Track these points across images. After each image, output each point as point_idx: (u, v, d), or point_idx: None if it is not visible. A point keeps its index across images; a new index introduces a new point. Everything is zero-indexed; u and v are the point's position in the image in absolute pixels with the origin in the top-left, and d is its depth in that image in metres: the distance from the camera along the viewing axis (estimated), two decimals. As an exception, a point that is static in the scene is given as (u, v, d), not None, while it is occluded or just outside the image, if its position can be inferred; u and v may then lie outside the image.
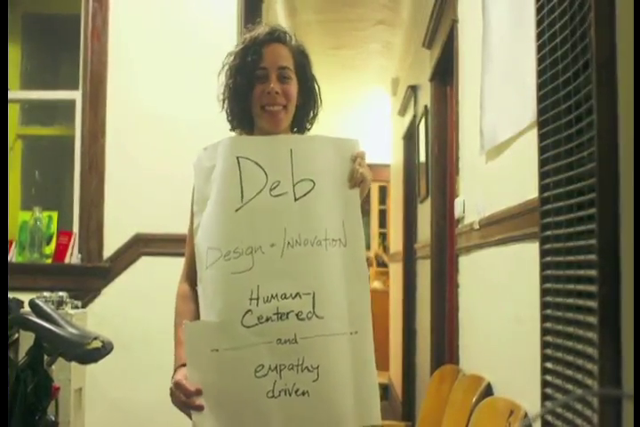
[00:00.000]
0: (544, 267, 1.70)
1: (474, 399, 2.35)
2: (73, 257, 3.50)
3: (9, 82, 3.22)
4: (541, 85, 1.72)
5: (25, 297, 2.61)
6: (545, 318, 1.70)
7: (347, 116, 7.68)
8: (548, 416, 1.60)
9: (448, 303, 3.58)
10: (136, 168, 3.48)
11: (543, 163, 1.71)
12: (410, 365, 5.29)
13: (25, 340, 2.53)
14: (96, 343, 2.24)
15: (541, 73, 1.72)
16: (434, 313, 3.74)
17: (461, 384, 2.69)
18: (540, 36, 1.73)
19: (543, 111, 1.70)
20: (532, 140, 1.84)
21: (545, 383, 1.67)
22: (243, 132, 1.81)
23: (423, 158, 4.35)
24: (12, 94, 3.33)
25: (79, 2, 3.58)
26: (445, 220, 3.68)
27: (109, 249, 3.47)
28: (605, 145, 1.35)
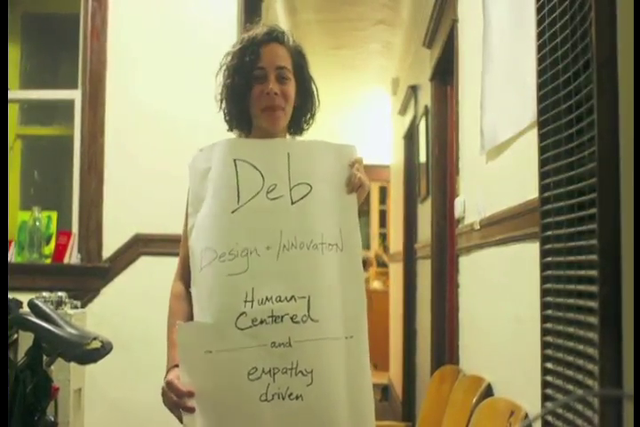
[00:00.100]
0: (544, 267, 1.70)
1: (474, 400, 2.35)
2: (72, 257, 3.49)
3: (8, 81, 3.22)
4: (541, 85, 1.71)
5: (24, 297, 2.60)
6: (545, 319, 1.70)
7: (347, 116, 7.68)
8: (548, 417, 1.60)
9: (448, 303, 3.57)
10: (135, 168, 3.48)
11: (543, 163, 1.70)
12: (410, 365, 5.29)
13: (24, 340, 2.52)
14: (95, 344, 2.24)
15: (541, 73, 1.72)
16: (434, 313, 3.73)
17: (461, 385, 2.68)
18: (541, 35, 1.73)
19: (543, 111, 1.70)
20: (532, 140, 1.84)
21: (545, 384, 1.67)
22: (241, 133, 1.81)
23: (423, 158, 4.35)
24: (11, 94, 3.32)
25: (78, 1, 3.58)
26: (445, 220, 3.67)
27: (109, 249, 3.46)
28: (606, 145, 1.34)
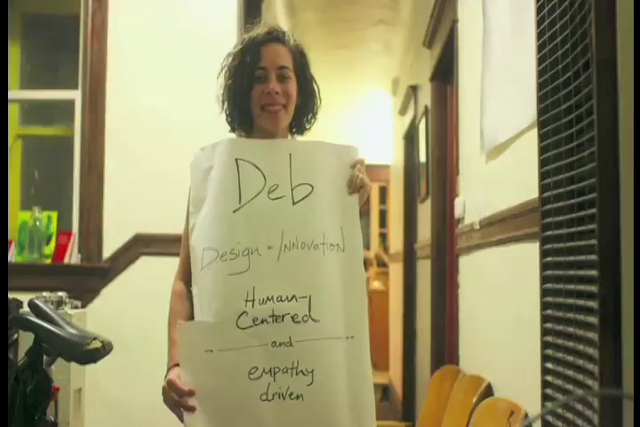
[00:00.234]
0: (544, 267, 1.70)
1: (474, 400, 2.35)
2: (72, 257, 3.49)
3: (9, 81, 3.22)
4: (541, 85, 1.71)
5: (24, 297, 2.60)
6: (545, 319, 1.70)
7: (347, 116, 7.68)
8: (548, 417, 1.60)
9: (448, 303, 3.58)
10: (135, 168, 3.47)
11: (543, 163, 1.70)
12: (410, 365, 5.29)
13: (24, 340, 2.52)
14: (95, 344, 2.23)
15: (541, 73, 1.72)
16: (434, 313, 3.73)
17: (461, 385, 2.68)
18: (541, 35, 1.73)
19: (543, 111, 1.70)
20: (532, 140, 1.84)
21: (545, 384, 1.67)
22: (243, 133, 1.81)
23: (423, 158, 4.35)
24: (11, 94, 3.33)
25: (79, 2, 3.58)
26: (445, 220, 3.68)
27: (109, 249, 3.46)
28: (606, 145, 1.35)
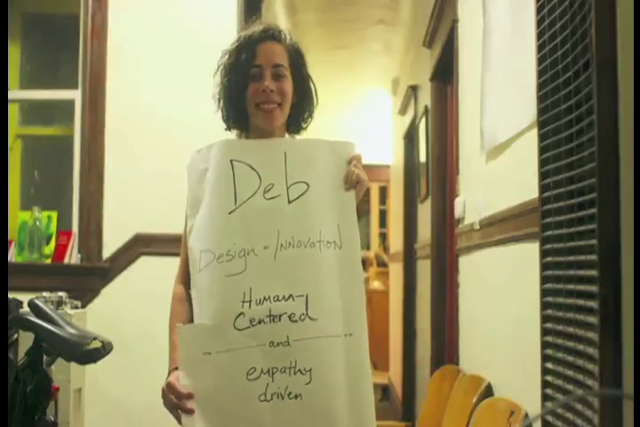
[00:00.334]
0: (544, 267, 1.70)
1: (474, 400, 2.35)
2: (72, 257, 3.49)
3: (9, 81, 3.22)
4: (541, 85, 1.71)
5: (24, 297, 2.60)
6: (545, 319, 1.70)
7: (347, 116, 7.68)
8: (548, 417, 1.60)
9: (448, 303, 3.58)
10: (135, 168, 3.47)
11: (543, 163, 1.70)
12: (410, 365, 5.29)
13: (24, 340, 2.52)
14: (95, 344, 2.23)
15: (541, 73, 1.72)
16: (434, 313, 3.73)
17: (461, 384, 2.68)
18: (541, 35, 1.73)
19: (543, 111, 1.70)
20: (532, 140, 1.84)
21: (545, 384, 1.67)
22: (239, 133, 1.80)
23: (423, 158, 4.35)
24: (11, 94, 3.33)
25: (78, 1, 3.58)
26: (445, 220, 3.67)
27: (109, 249, 3.46)
28: (606, 145, 1.35)
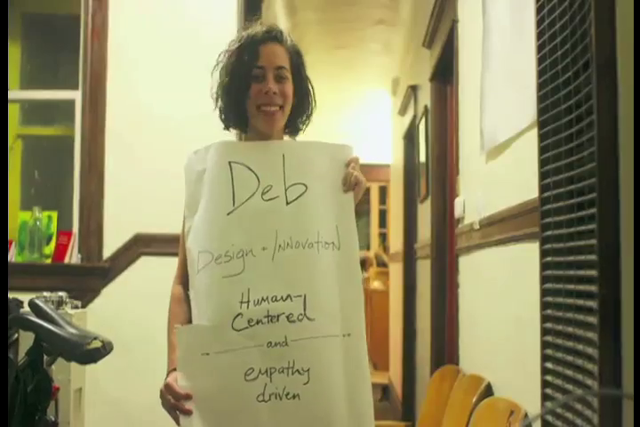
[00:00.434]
0: (544, 267, 1.70)
1: (474, 400, 2.35)
2: (73, 257, 3.50)
3: (9, 82, 3.22)
4: (541, 85, 1.72)
5: (24, 297, 2.60)
6: (545, 319, 1.70)
7: (347, 116, 7.68)
8: (548, 416, 1.60)
9: (448, 303, 3.58)
10: (135, 168, 3.48)
11: (543, 163, 1.71)
12: (410, 365, 5.29)
13: (24, 340, 2.52)
14: (96, 343, 2.24)
15: (541, 73, 1.72)
16: (434, 313, 3.73)
17: (461, 384, 2.68)
18: (540, 36, 1.73)
19: (543, 111, 1.70)
20: (532, 140, 1.84)
21: (545, 383, 1.67)
22: (237, 133, 1.80)
23: (423, 158, 4.35)
24: (11, 94, 3.32)
25: (78, 1, 3.58)
26: (445, 220, 3.68)
27: (109, 249, 3.46)
28: (606, 145, 1.35)
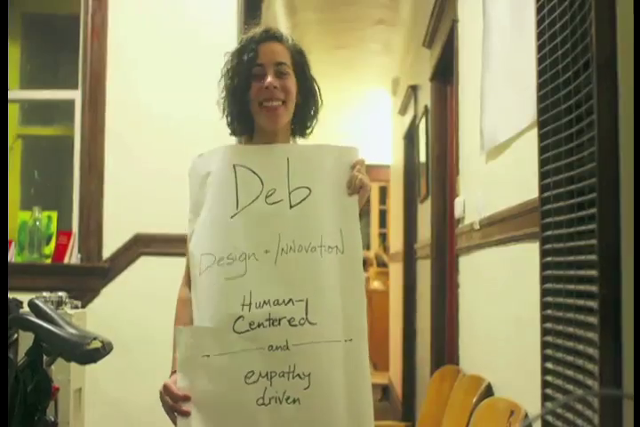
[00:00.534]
0: (544, 267, 1.70)
1: (474, 400, 2.35)
2: (72, 257, 3.49)
3: (9, 81, 3.22)
4: (541, 85, 1.72)
5: (24, 297, 2.60)
6: (545, 319, 1.70)
7: (347, 116, 7.67)
8: (548, 417, 1.60)
9: (448, 303, 3.58)
10: (135, 168, 3.47)
11: (543, 163, 1.70)
12: (410, 365, 5.29)
13: (24, 340, 2.51)
14: (95, 344, 2.23)
15: (541, 73, 1.72)
16: (434, 313, 3.73)
17: (461, 384, 2.68)
18: (540, 35, 1.73)
19: (543, 111, 1.70)
20: (532, 140, 1.84)
21: (545, 384, 1.67)
22: (243, 137, 1.80)
23: (423, 158, 4.35)
24: (11, 94, 3.32)
25: (78, 1, 3.58)
26: (445, 220, 3.67)
27: (109, 249, 3.46)
28: (606, 145, 1.35)
